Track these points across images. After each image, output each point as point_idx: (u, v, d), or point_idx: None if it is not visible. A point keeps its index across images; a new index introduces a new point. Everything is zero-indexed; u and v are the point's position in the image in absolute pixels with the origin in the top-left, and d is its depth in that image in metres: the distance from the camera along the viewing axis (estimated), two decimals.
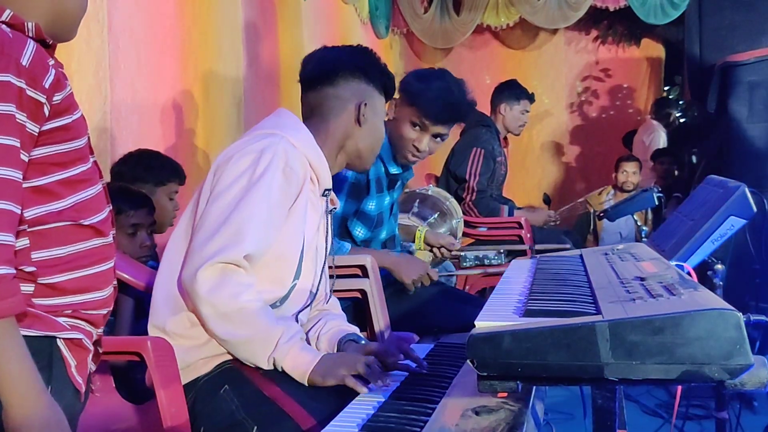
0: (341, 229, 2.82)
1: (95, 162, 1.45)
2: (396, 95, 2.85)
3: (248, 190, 1.83)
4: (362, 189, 2.81)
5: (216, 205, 1.84)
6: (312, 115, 2.11)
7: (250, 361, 1.79)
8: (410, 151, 2.87)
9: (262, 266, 1.85)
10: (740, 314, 1.07)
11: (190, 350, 1.81)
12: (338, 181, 2.74)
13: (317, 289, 2.08)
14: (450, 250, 3.27)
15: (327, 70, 2.10)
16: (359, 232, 2.83)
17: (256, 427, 1.71)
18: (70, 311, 1.39)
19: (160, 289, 1.90)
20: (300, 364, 1.77)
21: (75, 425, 1.44)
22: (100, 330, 1.47)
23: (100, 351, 1.52)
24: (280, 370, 1.78)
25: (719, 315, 1.08)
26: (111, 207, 1.48)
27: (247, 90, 4.37)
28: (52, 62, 1.32)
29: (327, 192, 2.05)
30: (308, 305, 2.05)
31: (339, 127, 2.09)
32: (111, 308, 1.49)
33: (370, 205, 2.83)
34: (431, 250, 3.31)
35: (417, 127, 2.83)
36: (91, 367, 1.48)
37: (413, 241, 3.35)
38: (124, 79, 3.26)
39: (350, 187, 2.78)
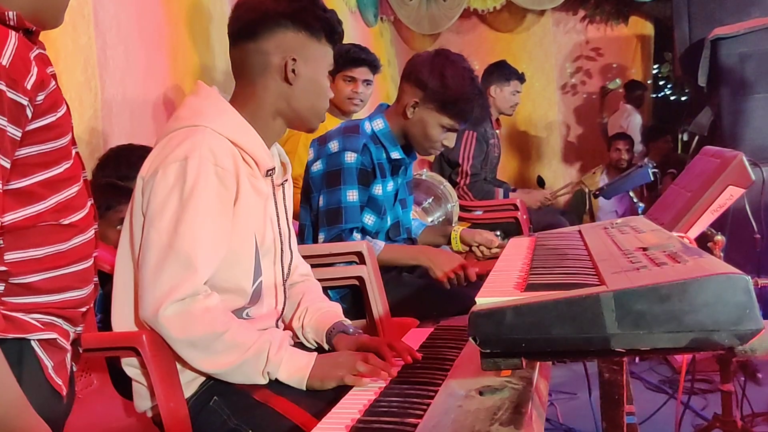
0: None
1: (77, 154, 1.39)
2: (414, 97, 2.81)
3: (184, 208, 1.67)
4: (369, 174, 2.78)
5: (154, 232, 1.68)
6: (238, 76, 1.89)
7: (245, 382, 1.72)
8: (437, 148, 2.92)
9: (217, 278, 1.74)
10: (749, 278, 1.05)
11: None
12: (347, 171, 2.71)
13: (287, 276, 1.97)
14: (489, 248, 3.19)
15: (247, 21, 1.84)
16: (369, 220, 2.79)
17: (251, 431, 1.67)
18: (45, 309, 1.33)
19: (118, 320, 1.79)
20: (295, 372, 1.71)
21: (60, 428, 1.39)
22: (79, 328, 1.42)
23: (80, 351, 1.47)
24: (274, 380, 1.72)
25: (727, 279, 1.05)
26: (92, 201, 1.43)
27: None
28: (34, 53, 1.26)
29: (270, 172, 1.86)
30: (285, 299, 1.97)
31: (267, 89, 1.85)
32: (90, 306, 1.44)
33: (377, 190, 2.81)
34: (470, 250, 3.25)
35: (449, 132, 2.85)
36: (72, 367, 1.42)
37: (448, 243, 3.26)
38: (113, 76, 3.21)
39: (359, 174, 2.74)
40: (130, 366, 1.78)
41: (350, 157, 2.72)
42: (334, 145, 2.75)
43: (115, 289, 1.82)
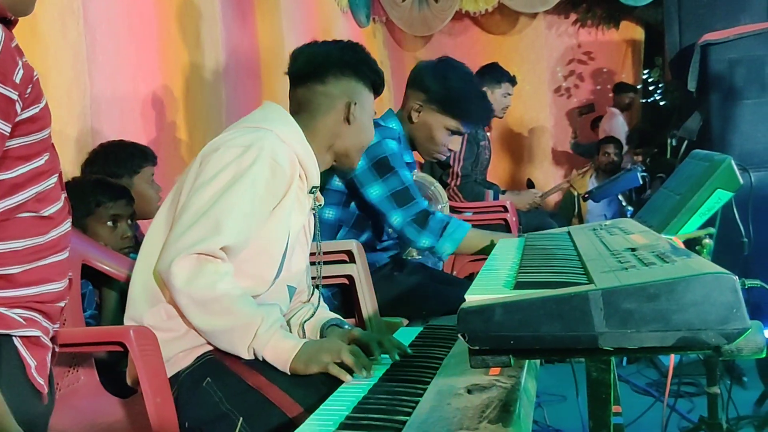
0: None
1: (53, 145, 1.38)
2: (418, 101, 2.86)
3: (232, 182, 1.79)
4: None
5: (197, 197, 1.79)
6: (300, 111, 2.07)
7: (229, 350, 1.76)
8: (442, 152, 2.96)
9: (242, 261, 1.82)
10: (736, 277, 1.05)
11: (168, 343, 1.78)
12: (392, 156, 2.75)
13: (299, 286, 2.07)
14: None
15: (316, 66, 2.06)
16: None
17: (242, 419, 1.68)
18: (25, 303, 1.32)
19: (137, 281, 1.87)
20: (281, 353, 1.73)
21: (43, 428, 1.38)
22: (56, 325, 1.41)
23: (57, 349, 1.45)
24: (261, 359, 1.75)
25: (714, 279, 1.06)
26: (66, 194, 1.42)
27: (227, 81, 4.33)
28: (14, 44, 1.24)
29: (314, 189, 2.02)
30: (288, 303, 2.03)
31: (327, 126, 2.06)
32: (67, 301, 1.43)
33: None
34: None
35: (454, 135, 2.91)
36: (50, 365, 1.41)
37: None
38: (103, 72, 3.21)
39: (401, 158, 2.81)
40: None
41: (391, 145, 2.78)
42: None
43: (140, 256, 1.89)
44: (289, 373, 1.73)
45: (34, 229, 1.32)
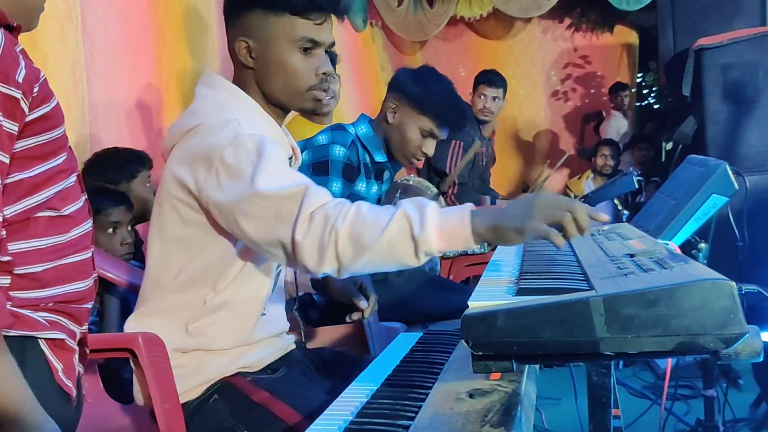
0: None
1: (70, 147, 1.40)
2: (395, 100, 2.86)
3: (258, 163, 1.56)
4: (354, 170, 2.81)
5: (255, 187, 1.54)
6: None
7: (403, 267, 1.54)
8: (416, 155, 2.92)
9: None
10: (733, 283, 1.08)
11: (179, 378, 1.74)
12: (333, 163, 2.74)
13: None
14: None
15: (224, 8, 1.79)
16: None
17: None
18: (51, 304, 1.32)
19: (153, 323, 1.75)
20: (452, 238, 1.47)
21: (73, 430, 1.40)
22: (84, 327, 1.42)
23: (87, 351, 1.46)
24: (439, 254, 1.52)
25: (713, 285, 1.08)
26: (86, 195, 1.43)
27: None
28: (19, 48, 1.25)
29: (289, 161, 1.79)
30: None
31: (242, 76, 1.78)
32: (93, 302, 1.44)
33: (360, 186, 2.84)
34: None
35: (428, 137, 2.87)
36: (79, 368, 1.42)
37: None
38: (100, 79, 3.23)
39: (344, 168, 2.77)
40: None
41: (338, 151, 2.76)
42: (322, 138, 2.79)
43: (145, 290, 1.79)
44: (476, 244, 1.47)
45: (55, 227, 1.33)
